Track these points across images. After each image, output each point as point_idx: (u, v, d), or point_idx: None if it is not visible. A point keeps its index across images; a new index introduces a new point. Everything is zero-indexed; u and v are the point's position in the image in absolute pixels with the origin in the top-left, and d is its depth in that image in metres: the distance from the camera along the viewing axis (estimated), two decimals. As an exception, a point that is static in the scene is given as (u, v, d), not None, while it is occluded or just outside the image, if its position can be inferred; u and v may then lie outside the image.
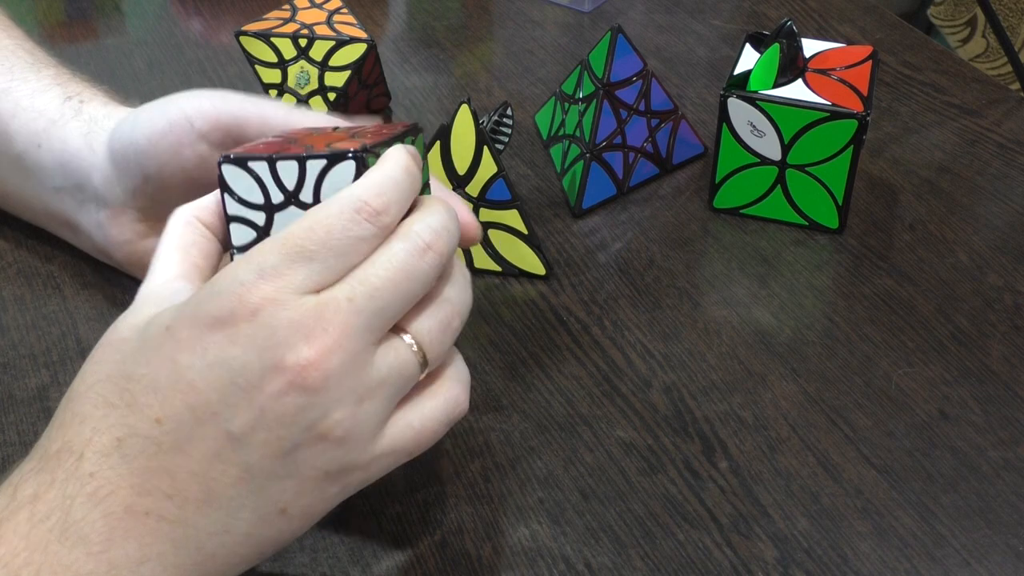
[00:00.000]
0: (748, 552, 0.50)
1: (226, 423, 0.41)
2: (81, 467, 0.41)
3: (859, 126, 0.65)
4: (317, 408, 0.41)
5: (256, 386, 0.40)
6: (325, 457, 0.42)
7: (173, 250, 0.47)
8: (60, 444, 0.41)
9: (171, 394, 0.41)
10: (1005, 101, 0.81)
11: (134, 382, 0.41)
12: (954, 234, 0.69)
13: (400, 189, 0.44)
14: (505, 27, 0.90)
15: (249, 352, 0.40)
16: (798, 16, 0.91)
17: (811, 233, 0.69)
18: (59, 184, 0.60)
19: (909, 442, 0.55)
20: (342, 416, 0.42)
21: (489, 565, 0.49)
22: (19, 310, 0.61)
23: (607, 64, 0.68)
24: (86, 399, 0.42)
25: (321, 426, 0.41)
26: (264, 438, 0.41)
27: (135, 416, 0.41)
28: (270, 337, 0.40)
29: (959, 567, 0.49)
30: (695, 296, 0.64)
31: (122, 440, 0.41)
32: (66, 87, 0.62)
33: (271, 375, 0.40)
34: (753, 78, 0.67)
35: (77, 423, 0.42)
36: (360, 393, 0.42)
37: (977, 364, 0.59)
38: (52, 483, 0.41)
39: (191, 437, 0.41)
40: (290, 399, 0.41)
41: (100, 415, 0.41)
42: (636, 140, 0.71)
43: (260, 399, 0.41)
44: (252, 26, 0.73)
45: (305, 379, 0.41)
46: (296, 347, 0.41)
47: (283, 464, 0.41)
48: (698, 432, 0.55)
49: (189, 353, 0.41)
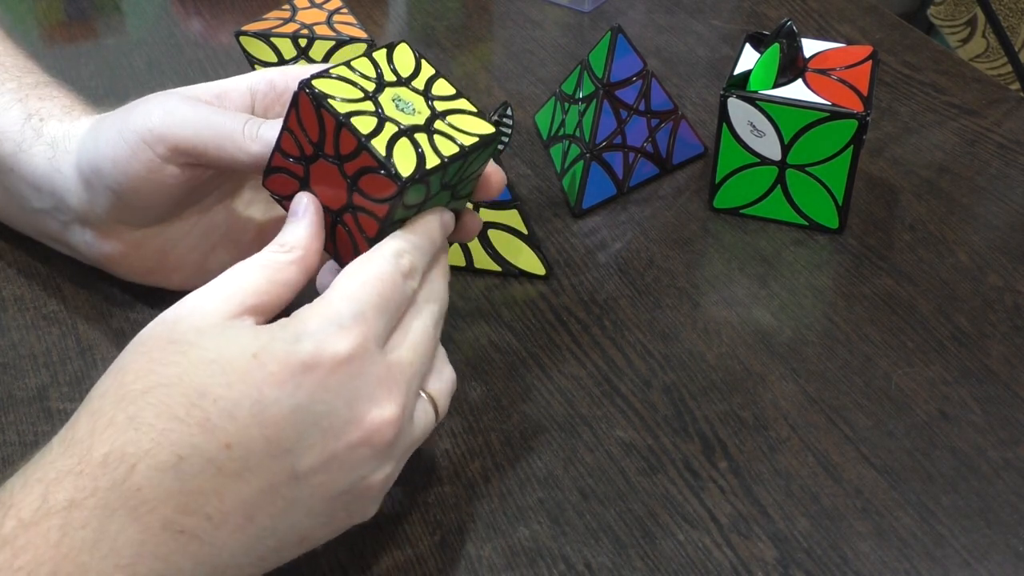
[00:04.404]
0: (748, 552, 0.50)
1: (295, 461, 0.42)
2: (131, 479, 0.39)
3: (859, 126, 0.65)
4: (375, 462, 0.43)
5: (335, 434, 0.42)
6: (357, 503, 0.44)
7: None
8: (109, 448, 0.40)
9: (250, 424, 0.41)
10: (1005, 101, 0.81)
11: (209, 401, 0.40)
12: (954, 234, 0.69)
13: (431, 252, 0.47)
14: (505, 27, 0.90)
15: (337, 401, 0.42)
16: (798, 16, 0.91)
17: (811, 233, 0.69)
18: (38, 206, 0.59)
19: (909, 442, 0.55)
20: (390, 472, 0.45)
21: (489, 565, 0.49)
22: (19, 310, 0.61)
23: (607, 64, 0.68)
24: (147, 405, 0.40)
25: (371, 479, 0.44)
26: (322, 480, 0.42)
27: (204, 437, 0.40)
28: (359, 390, 0.42)
29: (959, 567, 0.49)
30: (695, 296, 0.64)
31: (183, 459, 0.40)
32: (27, 103, 0.59)
33: (351, 426, 0.42)
34: (753, 78, 0.67)
35: (133, 430, 0.40)
36: (405, 451, 0.45)
37: (977, 364, 0.59)
38: (93, 492, 0.39)
39: (256, 468, 0.41)
40: (360, 451, 0.43)
41: (163, 427, 0.40)
42: (636, 140, 0.71)
43: (334, 446, 0.42)
44: (252, 26, 0.73)
45: (380, 436, 0.43)
46: (380, 404, 0.43)
47: (325, 504, 0.43)
48: (698, 432, 0.55)
49: (278, 389, 0.41)
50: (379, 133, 0.45)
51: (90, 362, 0.58)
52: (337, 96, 0.46)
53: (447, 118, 0.48)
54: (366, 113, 0.46)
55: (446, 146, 0.47)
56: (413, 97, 0.48)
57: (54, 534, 0.38)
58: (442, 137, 0.47)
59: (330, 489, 0.43)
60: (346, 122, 0.45)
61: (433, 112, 0.48)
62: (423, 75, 0.49)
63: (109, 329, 0.60)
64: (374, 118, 0.46)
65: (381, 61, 0.49)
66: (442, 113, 0.48)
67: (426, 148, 0.46)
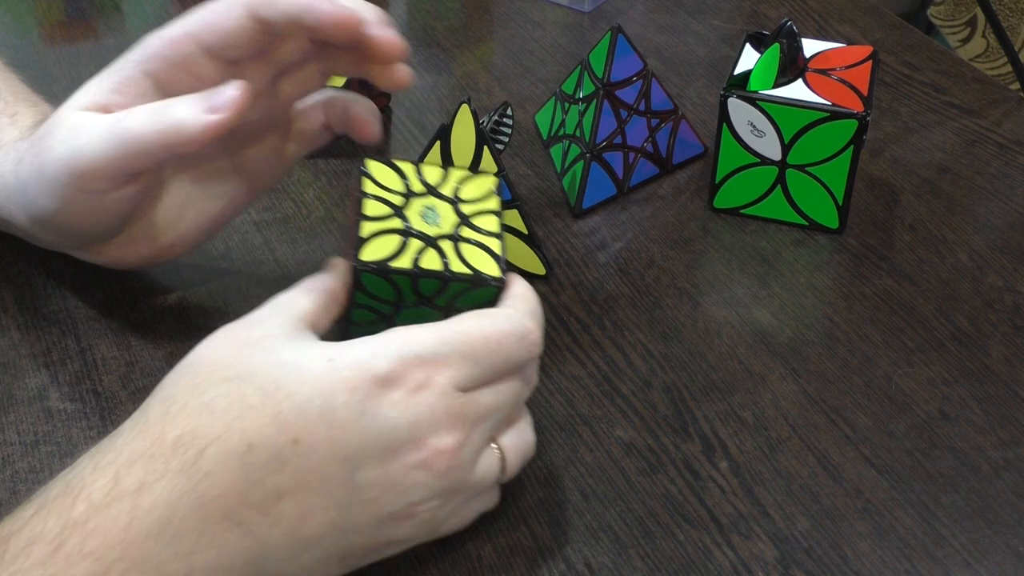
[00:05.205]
0: (748, 552, 0.50)
1: (353, 470, 0.42)
2: (199, 463, 0.40)
3: (859, 126, 0.65)
4: (427, 491, 0.44)
5: (395, 451, 0.43)
6: (401, 530, 0.44)
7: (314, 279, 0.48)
8: (181, 432, 0.41)
9: (318, 422, 0.41)
10: (1005, 101, 0.81)
11: (283, 395, 0.41)
12: (954, 234, 0.69)
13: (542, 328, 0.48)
14: (505, 27, 0.90)
15: (403, 420, 0.43)
16: (798, 16, 0.91)
17: (811, 233, 0.69)
18: (23, 225, 0.58)
19: (909, 442, 0.55)
20: (437, 505, 0.45)
21: (489, 565, 0.49)
22: (19, 310, 0.61)
23: (607, 64, 0.68)
24: (222, 394, 0.41)
25: (420, 507, 0.44)
26: (373, 496, 0.43)
27: (274, 428, 0.41)
28: (424, 415, 0.43)
29: (959, 567, 0.49)
30: (695, 296, 0.64)
31: (252, 447, 0.41)
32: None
33: (411, 447, 0.43)
34: (753, 78, 0.67)
35: (207, 415, 0.41)
36: (459, 489, 0.45)
37: (977, 364, 0.59)
38: (163, 475, 0.40)
39: (317, 469, 0.41)
40: (415, 474, 0.43)
41: (236, 414, 0.41)
42: (636, 140, 0.71)
43: (391, 463, 0.43)
44: (252, 26, 0.73)
45: (436, 462, 0.43)
46: (440, 433, 0.43)
47: (371, 525, 0.43)
48: (698, 432, 0.55)
49: (348, 394, 0.42)
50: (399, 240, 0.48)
51: (90, 362, 0.58)
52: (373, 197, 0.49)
53: (473, 222, 0.50)
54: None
55: (435, 261, 0.47)
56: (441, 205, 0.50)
57: (123, 518, 0.39)
58: (469, 246, 0.48)
59: (380, 508, 0.43)
60: (421, 274, 0.47)
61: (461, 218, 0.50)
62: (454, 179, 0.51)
63: (109, 329, 0.60)
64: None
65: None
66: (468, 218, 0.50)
67: (428, 254, 0.48)
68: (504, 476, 0.47)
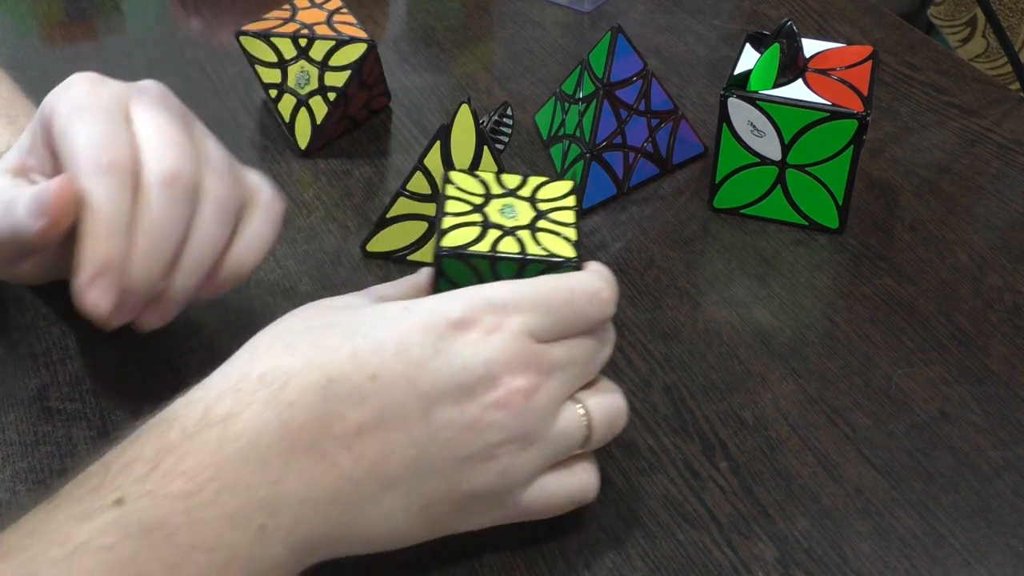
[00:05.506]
0: (748, 552, 0.50)
1: (430, 407, 0.43)
2: (282, 395, 0.42)
3: (859, 126, 0.65)
4: (503, 432, 0.44)
5: (469, 389, 0.44)
6: (480, 479, 0.45)
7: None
8: (265, 368, 0.43)
9: (395, 361, 0.43)
10: (1005, 101, 0.81)
11: (360, 336, 0.44)
12: (954, 234, 0.69)
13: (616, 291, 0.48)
14: (505, 27, 0.90)
15: (477, 359, 0.44)
16: (798, 16, 0.91)
17: (811, 233, 0.69)
18: None
19: (909, 442, 0.55)
20: (516, 449, 0.45)
21: (489, 565, 0.49)
22: (19, 310, 0.61)
23: (607, 64, 0.68)
24: (304, 339, 0.44)
25: (497, 450, 0.45)
26: (450, 436, 0.44)
27: (352, 365, 0.43)
28: (498, 355, 0.44)
29: (959, 567, 0.49)
30: (695, 296, 0.64)
31: (332, 381, 0.43)
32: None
33: (485, 385, 0.44)
34: (753, 78, 0.67)
35: (288, 354, 0.43)
36: (535, 437, 0.45)
37: (977, 364, 0.59)
38: (249, 405, 0.42)
39: (395, 404, 0.43)
40: (489, 413, 0.44)
41: (314, 352, 0.43)
42: (636, 140, 0.71)
43: (467, 403, 0.44)
44: (252, 26, 0.73)
45: (510, 402, 0.44)
46: (515, 373, 0.44)
47: (450, 467, 0.44)
48: (698, 432, 0.55)
49: (423, 334, 0.44)
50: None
51: (90, 362, 0.58)
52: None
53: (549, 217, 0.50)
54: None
55: (512, 246, 0.48)
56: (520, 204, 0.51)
57: (213, 442, 0.41)
58: (545, 234, 0.49)
59: (459, 448, 0.44)
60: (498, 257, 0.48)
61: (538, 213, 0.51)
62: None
63: (109, 329, 0.60)
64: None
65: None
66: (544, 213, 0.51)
67: (507, 241, 0.49)
68: (591, 442, 0.47)
